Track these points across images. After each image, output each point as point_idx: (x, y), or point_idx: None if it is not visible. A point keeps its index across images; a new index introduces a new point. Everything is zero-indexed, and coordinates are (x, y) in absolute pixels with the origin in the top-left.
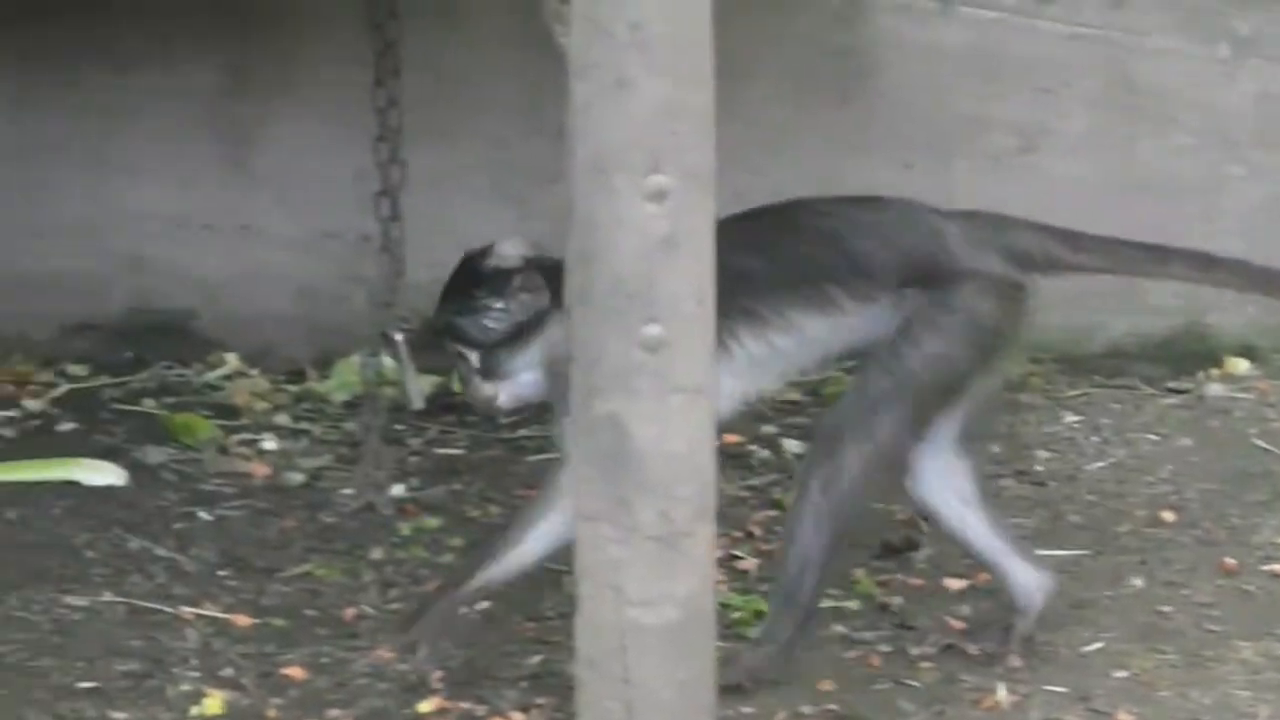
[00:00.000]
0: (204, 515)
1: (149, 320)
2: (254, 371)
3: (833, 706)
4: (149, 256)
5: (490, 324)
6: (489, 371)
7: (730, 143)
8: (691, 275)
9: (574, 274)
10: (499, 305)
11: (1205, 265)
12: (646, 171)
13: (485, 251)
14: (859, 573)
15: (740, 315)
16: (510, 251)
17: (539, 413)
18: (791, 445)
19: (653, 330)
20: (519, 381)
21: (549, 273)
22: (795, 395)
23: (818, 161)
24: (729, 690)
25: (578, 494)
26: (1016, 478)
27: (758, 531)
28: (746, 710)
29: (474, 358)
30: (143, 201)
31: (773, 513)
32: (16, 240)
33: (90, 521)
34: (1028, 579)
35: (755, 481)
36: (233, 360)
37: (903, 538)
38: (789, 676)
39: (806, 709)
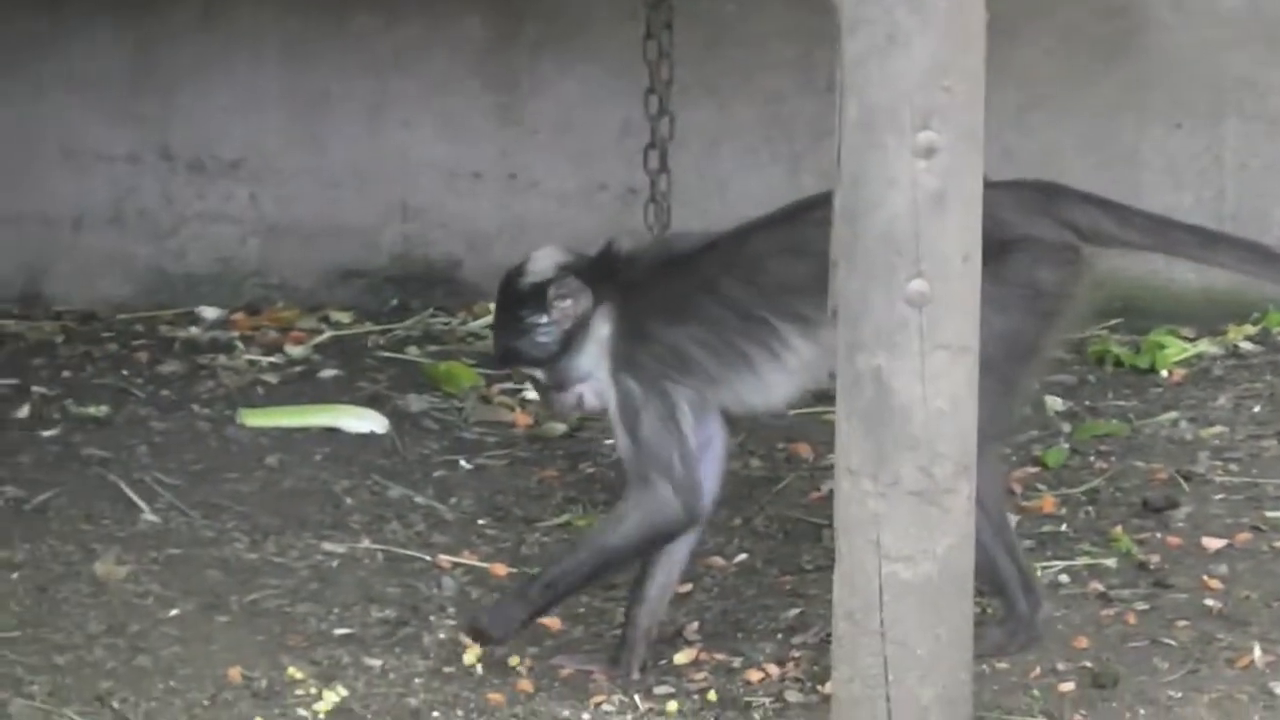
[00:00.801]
0: (464, 464)
1: (415, 268)
2: None
3: (1088, 664)
4: (417, 205)
5: (542, 339)
6: (562, 382)
7: (999, 102)
8: (959, 232)
9: (841, 229)
10: (543, 320)
11: (1260, 259)
12: (916, 128)
13: (522, 268)
14: (1117, 530)
15: (790, 320)
16: (543, 264)
17: None
18: (1055, 403)
19: (918, 286)
20: (597, 379)
21: (588, 271)
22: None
23: (1086, 121)
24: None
25: (839, 448)
26: (1278, 439)
27: (1018, 489)
28: (1002, 666)
29: (541, 375)
30: (412, 150)
31: (1033, 469)
32: (284, 187)
33: (350, 469)
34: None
35: (1017, 438)
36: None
37: (1163, 496)
38: (1044, 636)
39: (1062, 665)
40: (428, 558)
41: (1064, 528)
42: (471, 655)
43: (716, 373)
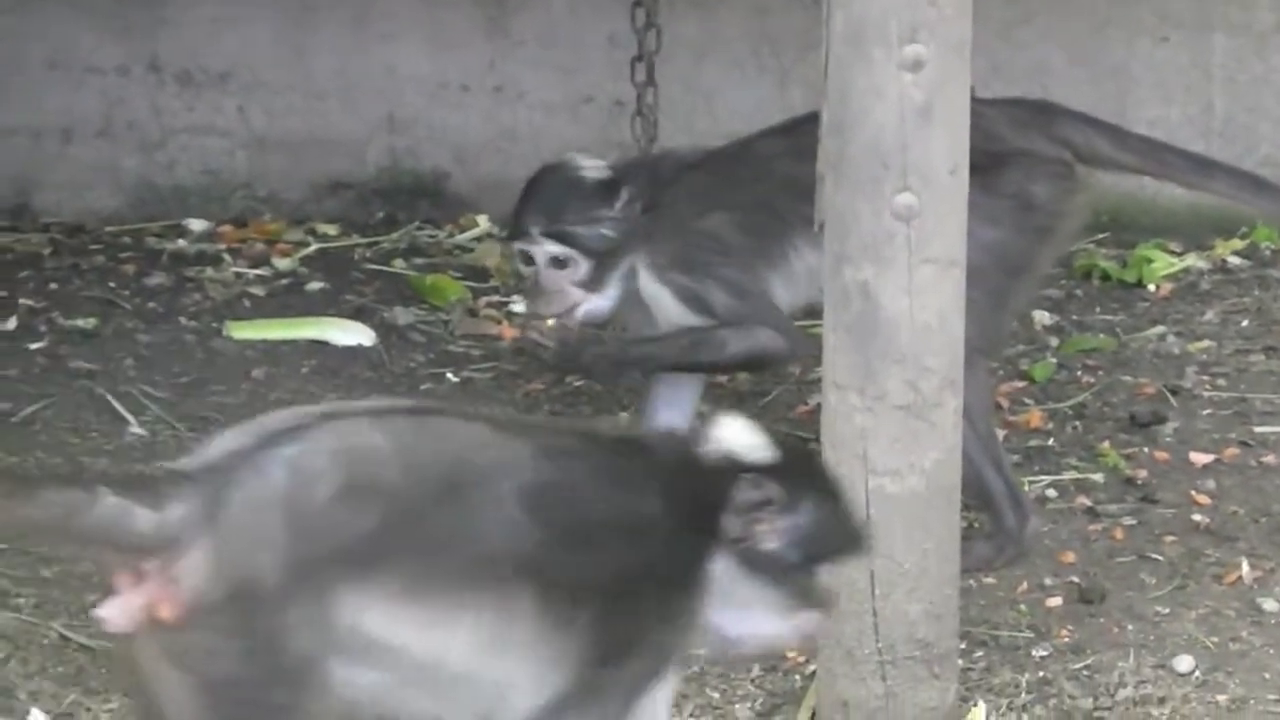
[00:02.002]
0: (451, 377)
1: (402, 181)
2: (505, 234)
3: (1075, 579)
4: (404, 117)
5: (606, 232)
6: (590, 282)
7: (987, 16)
8: (946, 145)
9: (828, 142)
10: (612, 214)
11: (1252, 188)
12: (903, 41)
13: (566, 163)
14: (1104, 445)
15: (798, 224)
16: (597, 164)
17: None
18: (1042, 317)
19: (906, 199)
20: (605, 293)
21: (635, 181)
22: None
23: (1074, 35)
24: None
25: (825, 362)
26: (1265, 354)
27: (1005, 403)
28: (989, 581)
29: (580, 267)
30: (400, 63)
31: (1020, 383)
32: (271, 99)
33: (337, 381)
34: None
35: (1004, 352)
36: (484, 222)
37: (1150, 411)
38: (1032, 550)
39: (1049, 580)
40: None
41: (1051, 442)
42: None
43: (753, 257)
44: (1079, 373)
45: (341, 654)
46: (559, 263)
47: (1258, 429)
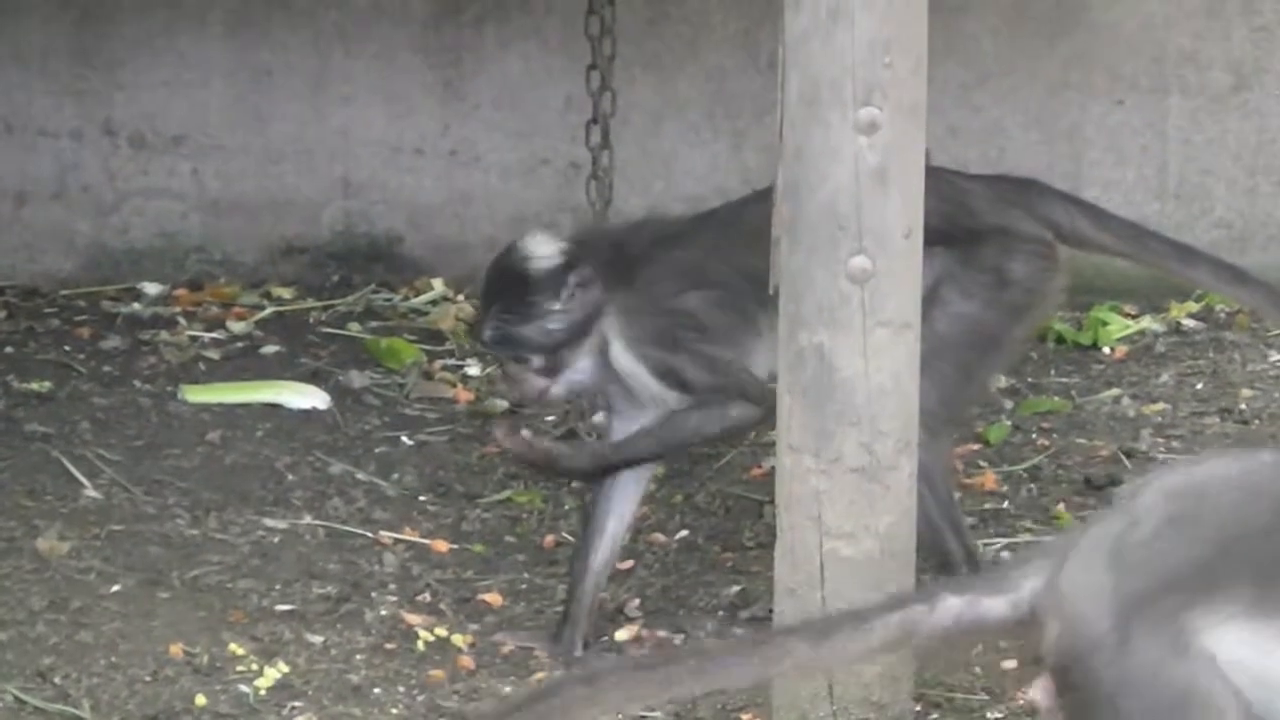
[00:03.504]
0: (406, 440)
1: (357, 244)
2: (460, 297)
3: None
4: (360, 180)
5: (552, 326)
6: (550, 370)
7: (943, 78)
8: (901, 208)
9: (783, 205)
10: (556, 307)
11: (1232, 279)
12: (859, 104)
13: (516, 252)
14: (1059, 507)
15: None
16: (545, 248)
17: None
18: (997, 379)
19: (861, 262)
20: (577, 371)
21: (596, 258)
22: None
23: (1030, 97)
24: None
25: (780, 425)
26: (1220, 416)
27: (959, 465)
28: None
29: (535, 361)
30: (355, 125)
31: (975, 446)
32: (227, 162)
33: (292, 444)
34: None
35: None
36: (439, 286)
37: (1105, 473)
38: None
39: (1004, 643)
40: (369, 534)
41: (1006, 505)
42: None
43: (731, 333)
44: (1034, 435)
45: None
46: (516, 359)
47: None
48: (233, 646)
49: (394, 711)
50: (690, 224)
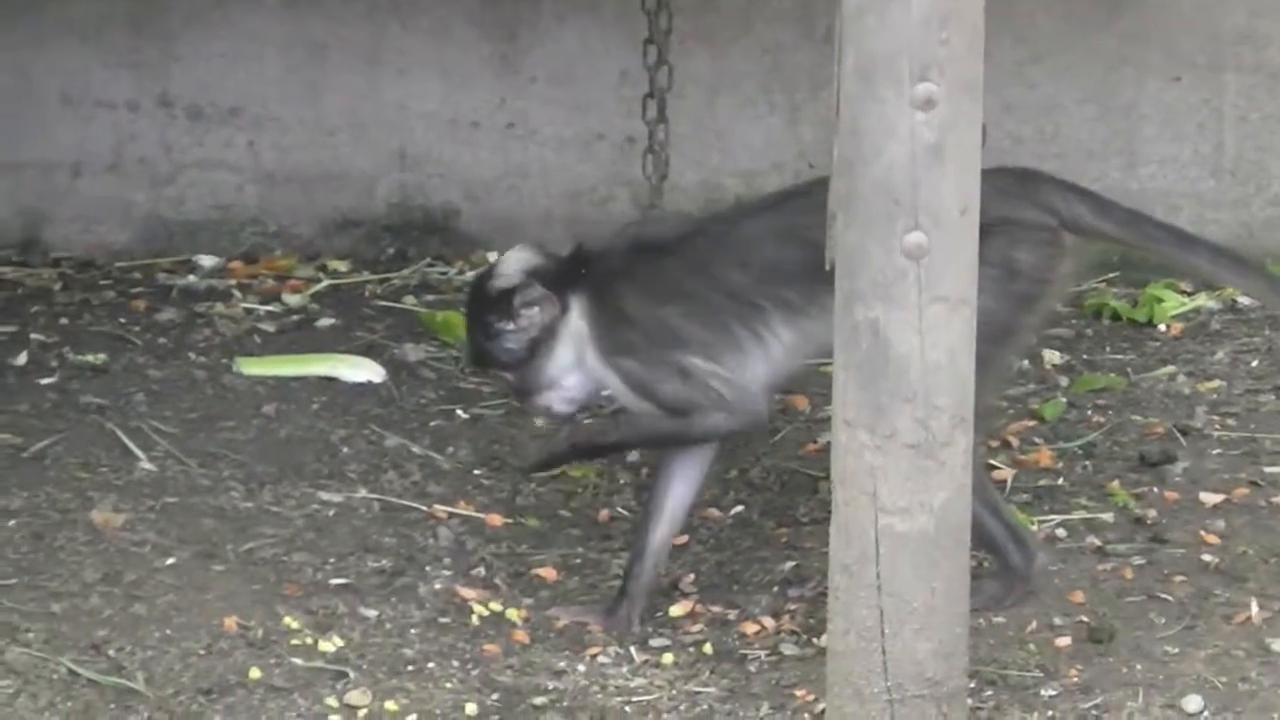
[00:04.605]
0: (461, 413)
1: (413, 217)
2: None
3: (1084, 619)
4: (416, 153)
5: (510, 345)
6: (530, 387)
7: (999, 55)
8: (957, 184)
9: (839, 180)
10: (509, 327)
11: (1233, 266)
12: (915, 80)
13: (487, 271)
14: (1114, 485)
15: (776, 305)
16: (511, 268)
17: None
18: (1052, 356)
19: (916, 238)
20: (564, 387)
21: (556, 276)
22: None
23: (1086, 75)
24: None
25: (835, 400)
26: (1276, 394)
27: (1014, 441)
28: (999, 620)
29: (511, 377)
30: (412, 98)
31: (1030, 423)
32: (283, 135)
33: (347, 418)
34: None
35: (1014, 391)
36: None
37: (1160, 450)
38: (1040, 589)
39: (1059, 620)
40: (424, 507)
41: (1060, 481)
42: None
43: (710, 344)
44: (1089, 412)
45: None
46: (497, 375)
47: (1268, 469)
48: (287, 620)
49: (448, 686)
50: (677, 236)
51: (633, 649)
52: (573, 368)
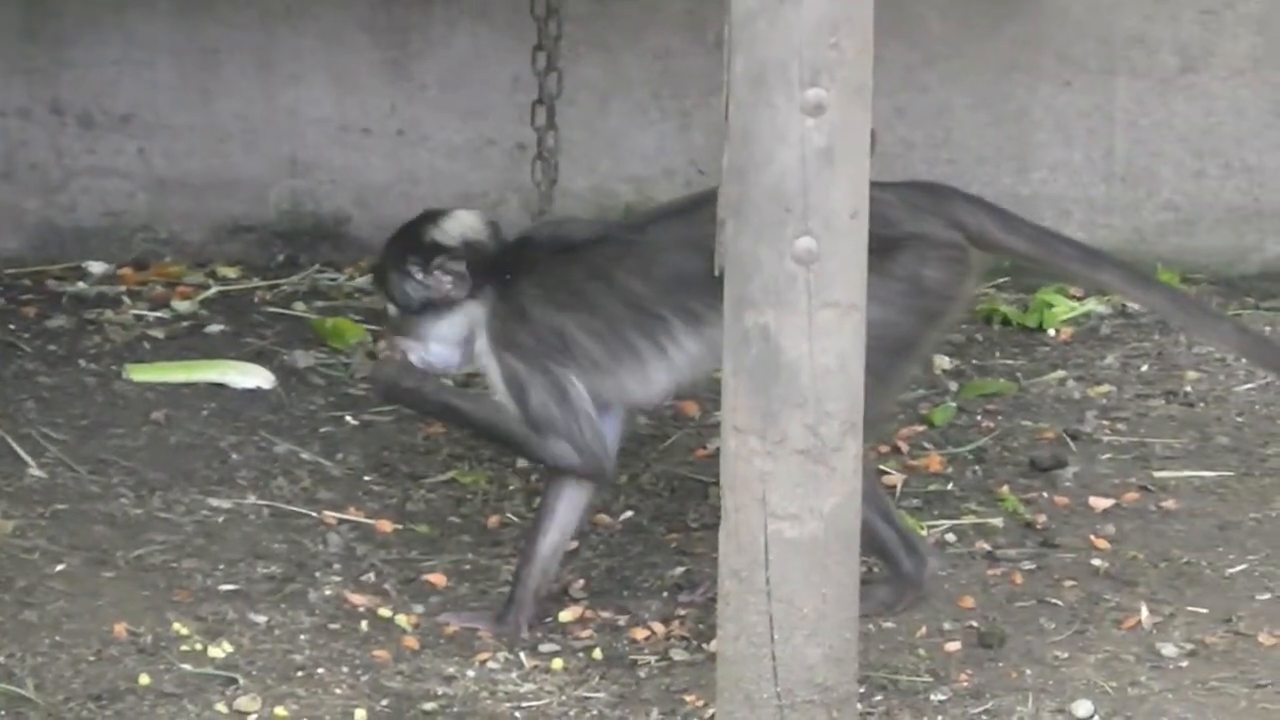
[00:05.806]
0: (350, 420)
1: (303, 223)
2: None
3: (974, 623)
4: (307, 160)
5: (408, 289)
6: (404, 331)
7: (891, 59)
8: (847, 190)
9: (730, 186)
10: (419, 278)
11: (1140, 283)
12: (805, 85)
13: (441, 215)
14: (1004, 490)
15: (680, 315)
16: (456, 230)
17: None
18: (942, 361)
19: (807, 243)
20: (431, 350)
21: (487, 260)
22: None
23: (978, 79)
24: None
25: (725, 406)
26: (1165, 398)
27: (904, 447)
28: (889, 625)
29: (391, 310)
30: (303, 105)
31: (919, 428)
32: (174, 141)
33: (237, 424)
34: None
35: (904, 396)
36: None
37: (1050, 455)
38: (931, 594)
39: (948, 625)
40: (314, 514)
41: (950, 486)
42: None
43: (601, 361)
44: (979, 417)
45: None
46: (384, 302)
47: (1158, 474)
48: (177, 626)
49: (338, 692)
50: (589, 240)
51: (523, 655)
52: (452, 341)
